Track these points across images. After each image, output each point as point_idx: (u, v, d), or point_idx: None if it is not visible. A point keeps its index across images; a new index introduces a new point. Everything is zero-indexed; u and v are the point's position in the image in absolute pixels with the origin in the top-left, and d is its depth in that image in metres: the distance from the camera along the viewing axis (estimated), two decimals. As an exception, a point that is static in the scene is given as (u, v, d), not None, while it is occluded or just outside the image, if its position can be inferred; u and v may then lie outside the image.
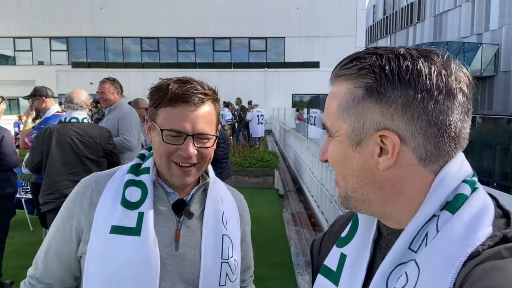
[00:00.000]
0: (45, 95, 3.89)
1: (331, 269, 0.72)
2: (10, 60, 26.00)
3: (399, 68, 0.57)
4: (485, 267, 0.49)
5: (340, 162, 0.64)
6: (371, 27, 46.07)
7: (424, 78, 0.56)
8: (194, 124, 0.97)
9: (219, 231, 1.06)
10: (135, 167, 1.06)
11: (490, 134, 9.56)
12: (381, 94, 0.57)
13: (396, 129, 0.57)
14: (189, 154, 0.97)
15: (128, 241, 0.95)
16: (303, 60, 23.83)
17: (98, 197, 1.01)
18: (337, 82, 0.64)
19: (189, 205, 1.04)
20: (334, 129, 0.64)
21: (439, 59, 0.58)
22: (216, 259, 1.03)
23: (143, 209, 0.98)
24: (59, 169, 2.96)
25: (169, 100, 0.97)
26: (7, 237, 3.69)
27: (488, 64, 27.31)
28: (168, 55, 25.46)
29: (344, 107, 0.62)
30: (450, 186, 0.58)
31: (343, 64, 0.63)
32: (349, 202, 0.66)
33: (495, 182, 8.71)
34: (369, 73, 0.58)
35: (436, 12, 33.26)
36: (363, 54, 0.61)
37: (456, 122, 0.58)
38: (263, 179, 8.05)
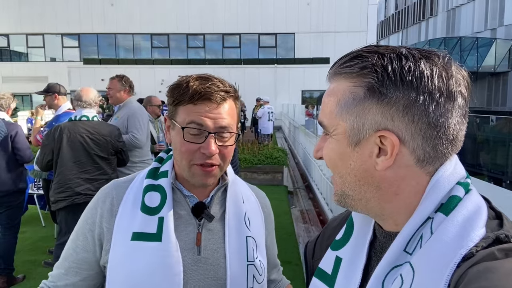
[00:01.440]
0: (57, 92, 3.95)
1: (326, 272, 0.72)
2: (23, 57, 26.39)
3: (401, 69, 0.56)
4: (479, 268, 0.49)
5: (337, 161, 0.64)
6: (382, 22, 45.52)
7: (426, 80, 0.56)
8: (216, 122, 0.95)
9: (243, 233, 1.04)
10: (153, 171, 1.04)
11: (503, 132, 9.40)
12: (383, 94, 0.57)
13: (396, 130, 0.57)
14: (211, 152, 0.94)
15: (149, 247, 0.94)
16: (313, 56, 23.70)
17: (118, 205, 1.00)
18: (336, 79, 0.63)
19: (209, 207, 1.02)
20: (331, 128, 0.63)
21: (440, 61, 0.58)
22: (241, 262, 1.01)
23: (163, 214, 0.96)
24: (70, 168, 3.00)
25: (191, 98, 0.95)
26: (19, 232, 3.76)
27: (502, 59, 26.81)
28: (178, 52, 25.56)
29: (343, 105, 0.61)
30: (444, 188, 0.58)
31: (343, 61, 0.62)
32: (345, 200, 0.65)
33: (508, 180, 8.57)
34: (371, 72, 0.58)
35: (449, 6, 32.71)
36: (364, 53, 0.60)
37: (455, 124, 0.58)
38: (272, 176, 8.05)
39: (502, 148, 9.33)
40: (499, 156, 9.35)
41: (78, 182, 2.98)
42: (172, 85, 1.00)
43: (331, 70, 0.65)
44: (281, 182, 8.03)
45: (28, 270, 3.87)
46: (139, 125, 3.70)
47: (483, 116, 11.08)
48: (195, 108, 0.95)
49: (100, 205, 1.01)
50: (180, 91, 0.96)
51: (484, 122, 10.07)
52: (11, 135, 3.47)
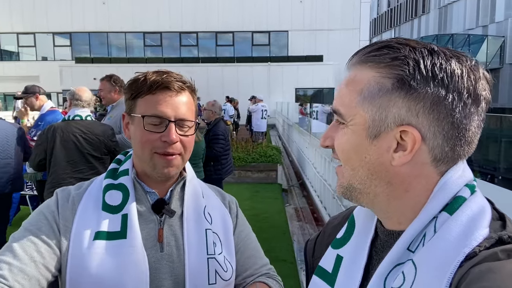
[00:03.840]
0: (38, 92, 3.96)
1: (327, 271, 0.72)
2: (14, 56, 26.09)
3: (433, 65, 0.55)
4: (482, 268, 0.49)
5: (351, 153, 0.61)
6: (375, 20, 45.69)
7: (457, 79, 0.55)
8: (175, 110, 0.96)
9: (202, 225, 1.02)
10: (112, 171, 1.03)
11: (495, 128, 9.49)
12: (413, 88, 0.55)
13: (420, 126, 0.56)
14: (172, 139, 0.94)
15: (114, 245, 0.92)
16: (306, 54, 23.71)
17: (78, 204, 0.97)
18: (359, 68, 0.61)
19: (169, 203, 1.01)
20: (349, 117, 0.61)
21: (468, 62, 0.57)
22: (200, 255, 0.98)
23: (126, 211, 0.95)
24: (64, 167, 2.98)
25: (149, 88, 0.96)
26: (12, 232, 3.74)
27: (494, 56, 27.04)
28: (171, 50, 25.44)
29: (366, 95, 0.59)
30: (452, 190, 0.58)
31: (370, 50, 0.60)
32: (351, 193, 0.64)
33: (500, 176, 8.67)
34: (403, 64, 0.56)
35: (441, 4, 32.92)
36: (395, 44, 0.58)
37: (475, 128, 0.57)
38: (266, 174, 8.06)
39: (494, 144, 9.42)
40: (491, 152, 9.44)
41: (71, 181, 2.96)
42: (129, 81, 1.01)
43: (355, 57, 0.62)
44: (275, 180, 8.04)
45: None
46: None
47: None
48: (154, 97, 0.96)
49: (61, 203, 0.97)
50: (138, 84, 0.97)
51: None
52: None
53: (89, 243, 0.91)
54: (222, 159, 4.78)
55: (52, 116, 3.86)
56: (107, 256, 0.91)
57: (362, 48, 0.62)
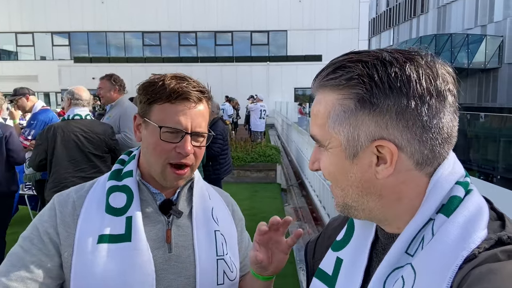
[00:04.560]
0: (28, 92, 4.00)
1: (327, 273, 0.72)
2: (12, 55, 26.04)
3: (388, 76, 0.55)
4: (482, 270, 0.49)
5: (337, 175, 0.62)
6: (374, 19, 45.71)
7: (414, 83, 0.55)
8: (192, 122, 0.95)
9: (211, 227, 1.03)
10: (116, 172, 1.01)
11: (493, 128, 9.51)
12: (374, 104, 0.56)
13: (392, 137, 0.57)
14: (187, 152, 0.94)
15: (119, 248, 0.90)
16: (305, 53, 23.72)
17: (80, 208, 0.95)
18: (322, 91, 0.62)
19: (176, 204, 1.01)
20: (325, 141, 0.62)
21: (424, 61, 0.57)
22: (211, 257, 0.99)
23: (130, 213, 0.94)
24: (66, 167, 2.99)
25: (168, 96, 0.93)
26: (10, 234, 3.72)
27: (492, 56, 27.07)
28: (170, 50, 25.41)
29: (335, 118, 0.60)
30: (444, 189, 0.58)
31: (326, 73, 0.61)
32: (349, 211, 0.65)
33: (498, 175, 8.69)
34: (359, 83, 0.56)
35: (440, 3, 32.95)
36: (347, 63, 0.58)
37: (448, 122, 0.58)
38: (265, 173, 8.06)
39: (493, 143, 9.44)
40: (489, 151, 9.46)
41: (74, 180, 2.97)
42: (145, 83, 0.98)
43: (316, 82, 0.63)
44: (274, 179, 8.04)
45: (20, 272, 3.83)
46: (131, 125, 3.67)
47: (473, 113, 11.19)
48: (173, 107, 0.94)
49: (60, 209, 0.95)
50: (156, 89, 0.94)
51: (475, 118, 10.19)
52: (5, 135, 3.43)
53: (93, 247, 0.90)
54: (221, 159, 4.77)
55: (44, 115, 3.87)
56: (112, 259, 0.90)
57: (320, 72, 0.62)
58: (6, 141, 3.43)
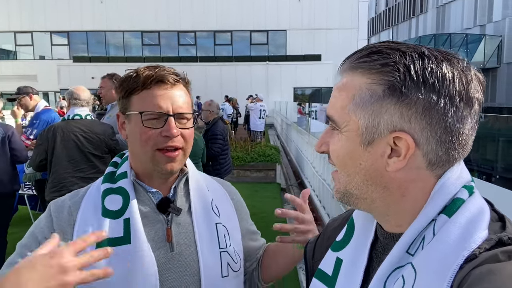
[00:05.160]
0: (31, 92, 3.98)
1: (327, 273, 0.72)
2: (11, 55, 26.00)
3: (424, 70, 0.55)
4: (482, 270, 0.49)
5: (346, 160, 0.62)
6: (373, 19, 45.73)
7: (448, 83, 0.55)
8: (172, 103, 0.94)
9: (211, 220, 1.01)
10: (109, 175, 1.00)
11: (493, 127, 9.53)
12: (404, 94, 0.55)
13: (412, 132, 0.56)
14: (173, 133, 0.92)
15: (119, 252, 0.89)
16: (304, 53, 23.73)
17: (76, 214, 0.94)
18: (351, 73, 0.61)
19: (174, 201, 0.99)
20: (342, 123, 0.61)
21: (460, 64, 0.57)
22: (213, 250, 0.98)
23: (128, 215, 0.92)
24: (65, 166, 2.98)
25: (143, 83, 0.93)
26: (10, 233, 3.72)
27: (491, 56, 27.12)
28: (169, 49, 25.40)
29: (358, 102, 0.59)
30: (450, 192, 0.58)
31: (360, 56, 0.60)
32: (349, 199, 0.64)
33: (497, 175, 8.71)
34: (393, 70, 0.56)
35: (439, 3, 32.98)
36: (385, 49, 0.58)
37: (469, 130, 0.57)
38: (264, 173, 8.06)
39: (492, 143, 9.45)
40: (488, 151, 9.47)
41: (73, 180, 2.97)
42: (120, 79, 0.98)
43: (345, 63, 0.62)
44: (274, 179, 8.05)
45: (20, 271, 3.82)
46: None
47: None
48: (150, 92, 0.93)
49: (56, 215, 0.94)
50: (131, 81, 0.94)
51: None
52: (8, 135, 3.44)
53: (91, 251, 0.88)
54: (221, 159, 4.78)
55: (47, 115, 3.87)
56: (112, 263, 0.87)
57: (353, 54, 0.61)
58: (9, 140, 3.45)
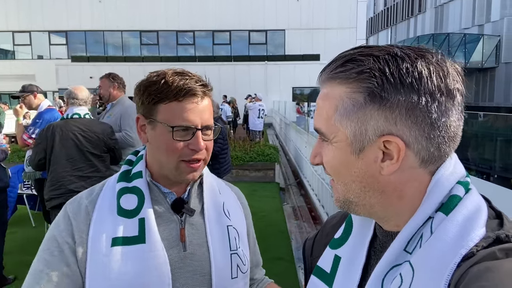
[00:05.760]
0: (36, 90, 3.96)
1: (325, 271, 0.72)
2: (9, 55, 25.93)
3: (399, 71, 0.55)
4: (480, 268, 0.49)
5: (340, 169, 0.62)
6: (371, 19, 45.75)
7: (426, 80, 0.55)
8: (201, 117, 0.95)
9: (223, 222, 1.03)
10: (125, 173, 1.01)
11: (491, 127, 9.55)
12: (385, 99, 0.56)
13: (400, 133, 0.56)
14: (200, 148, 0.95)
15: (133, 250, 0.90)
16: (303, 53, 23.73)
17: (92, 212, 0.95)
18: (330, 84, 0.61)
19: (188, 202, 1.01)
20: (331, 135, 0.61)
21: (434, 59, 0.57)
22: (225, 252, 1.00)
23: (143, 215, 0.94)
24: (64, 165, 2.99)
25: (175, 95, 0.92)
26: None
27: (489, 55, 27.17)
28: (168, 49, 25.36)
29: (342, 112, 0.59)
30: (445, 188, 0.58)
31: (335, 66, 0.60)
32: (349, 206, 0.64)
33: (496, 174, 8.73)
34: (370, 77, 0.56)
35: (437, 3, 33.02)
36: (358, 56, 0.58)
37: (455, 121, 0.58)
38: (263, 173, 8.07)
39: (490, 143, 9.48)
40: (487, 151, 9.50)
41: (71, 179, 2.98)
42: (145, 83, 0.96)
43: (323, 74, 0.62)
44: (273, 179, 8.05)
45: (19, 271, 3.83)
46: (133, 123, 3.68)
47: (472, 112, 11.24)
48: (180, 104, 0.93)
49: (74, 216, 0.94)
50: (159, 88, 0.93)
51: (472, 118, 10.23)
52: None
53: (106, 250, 0.90)
54: (220, 158, 4.78)
55: (50, 114, 3.86)
56: (127, 262, 0.90)
57: (329, 64, 0.62)
58: None
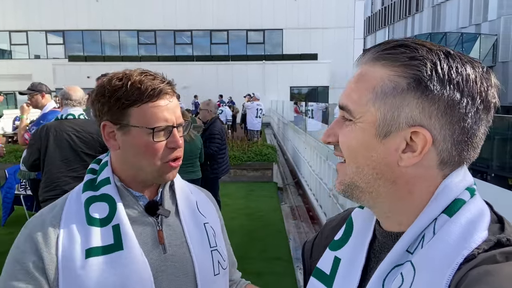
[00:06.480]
0: (44, 90, 3.93)
1: (325, 272, 0.72)
2: (6, 54, 25.82)
3: (449, 68, 0.55)
4: (480, 271, 0.49)
5: (358, 151, 0.61)
6: (369, 18, 45.81)
7: (472, 84, 0.55)
8: (175, 114, 0.95)
9: (199, 220, 1.03)
10: (89, 182, 0.97)
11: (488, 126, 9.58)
12: (429, 89, 0.55)
13: (431, 128, 0.56)
14: (179, 145, 0.95)
15: (112, 258, 0.87)
16: (301, 52, 23.73)
17: (58, 227, 0.89)
18: (372, 65, 0.60)
19: (161, 204, 1.00)
20: (358, 114, 0.60)
21: (481, 70, 0.57)
22: (205, 249, 1.00)
23: (116, 221, 0.90)
24: (58, 166, 2.97)
25: (148, 96, 0.90)
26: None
27: (486, 55, 27.26)
28: (165, 48, 25.32)
29: (379, 93, 0.58)
30: (453, 193, 0.58)
31: (384, 48, 0.59)
32: (353, 191, 0.63)
33: (492, 173, 8.76)
34: (421, 65, 0.55)
35: (435, 2, 33.10)
36: (411, 43, 0.57)
37: (482, 134, 0.58)
38: (261, 172, 8.06)
39: (487, 142, 9.52)
40: (483, 150, 9.54)
41: (66, 180, 2.96)
42: (109, 88, 0.91)
43: (366, 54, 0.62)
44: (271, 178, 8.05)
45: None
46: None
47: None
48: (155, 105, 0.91)
49: (36, 233, 0.88)
50: (128, 92, 0.90)
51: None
52: None
53: (81, 262, 0.85)
54: (219, 158, 4.78)
55: (53, 115, 3.84)
56: (106, 271, 0.86)
57: (375, 46, 0.61)
58: None
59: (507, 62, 26.40)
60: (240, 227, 5.04)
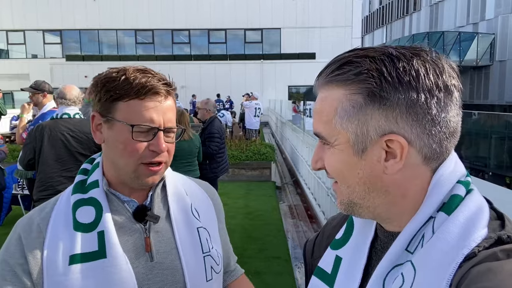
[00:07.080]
0: (47, 90, 3.90)
1: (326, 272, 0.72)
2: (3, 54, 25.73)
3: (396, 70, 0.56)
4: (481, 268, 0.49)
5: (344, 172, 0.62)
6: (367, 17, 45.85)
7: (423, 77, 0.56)
8: (164, 117, 0.90)
9: (193, 225, 0.98)
10: (79, 184, 0.94)
11: (485, 125, 9.61)
12: (384, 98, 0.56)
13: (402, 131, 0.57)
14: (161, 149, 0.89)
15: (94, 267, 0.84)
16: (299, 51, 23.74)
17: (45, 230, 0.87)
18: (327, 88, 0.61)
19: (151, 208, 0.95)
20: (332, 138, 0.61)
21: (429, 56, 0.58)
22: (197, 256, 0.95)
23: (101, 228, 0.87)
24: (52, 166, 2.95)
25: (136, 92, 0.86)
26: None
27: (484, 53, 27.34)
28: (163, 47, 25.28)
29: (342, 114, 0.59)
30: (446, 187, 0.58)
31: (332, 69, 0.60)
32: (353, 209, 0.64)
33: (490, 171, 8.80)
34: (368, 77, 0.56)
35: (432, 1, 33.16)
36: (353, 58, 0.58)
37: (454, 117, 0.58)
38: (260, 172, 8.07)
39: (484, 140, 9.54)
40: (481, 148, 9.56)
41: (60, 180, 2.94)
42: (102, 78, 0.90)
43: (320, 79, 0.63)
44: (269, 177, 8.05)
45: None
46: None
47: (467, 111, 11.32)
48: (142, 103, 0.87)
49: (24, 235, 0.86)
50: (119, 85, 0.87)
51: (467, 116, 10.31)
52: None
53: (64, 269, 0.83)
54: (218, 157, 4.77)
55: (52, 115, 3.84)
56: (88, 280, 0.83)
57: (324, 69, 0.62)
58: None
59: (505, 61, 26.48)
60: (239, 226, 5.05)
